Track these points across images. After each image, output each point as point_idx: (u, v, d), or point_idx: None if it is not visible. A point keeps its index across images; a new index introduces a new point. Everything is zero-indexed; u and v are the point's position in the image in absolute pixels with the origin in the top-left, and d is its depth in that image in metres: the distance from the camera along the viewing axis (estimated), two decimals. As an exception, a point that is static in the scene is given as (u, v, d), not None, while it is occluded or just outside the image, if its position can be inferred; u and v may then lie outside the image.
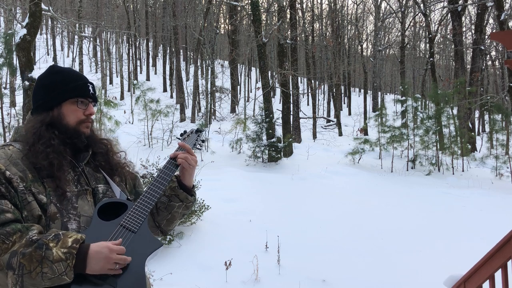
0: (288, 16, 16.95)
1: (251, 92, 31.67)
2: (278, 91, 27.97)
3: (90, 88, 1.58)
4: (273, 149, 11.37)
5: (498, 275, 3.03)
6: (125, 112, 19.13)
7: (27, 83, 8.25)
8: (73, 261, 1.25)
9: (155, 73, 36.78)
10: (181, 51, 32.38)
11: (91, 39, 27.89)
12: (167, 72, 31.91)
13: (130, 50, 34.71)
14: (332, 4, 26.41)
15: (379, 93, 29.11)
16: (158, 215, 1.69)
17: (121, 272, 1.34)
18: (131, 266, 1.37)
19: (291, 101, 15.76)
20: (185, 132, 1.83)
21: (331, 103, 29.79)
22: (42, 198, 1.38)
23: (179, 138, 1.80)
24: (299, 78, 31.59)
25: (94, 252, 1.29)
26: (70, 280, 1.27)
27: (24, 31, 8.40)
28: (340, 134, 21.92)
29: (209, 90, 17.61)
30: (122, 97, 26.06)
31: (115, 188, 1.59)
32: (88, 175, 1.54)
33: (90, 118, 1.57)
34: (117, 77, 31.34)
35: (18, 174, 1.38)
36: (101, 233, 1.39)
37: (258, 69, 26.17)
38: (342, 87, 33.61)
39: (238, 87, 29.86)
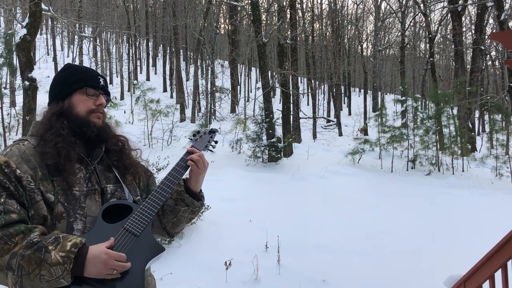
0: (288, 16, 16.95)
1: (251, 92, 31.66)
2: (278, 91, 27.98)
3: (101, 80, 1.60)
4: (273, 149, 11.37)
5: (498, 275, 3.03)
6: (125, 112, 19.12)
7: (27, 83, 8.25)
8: (70, 265, 1.26)
9: (155, 73, 36.78)
10: (181, 51, 32.37)
11: (91, 39, 27.90)
12: (167, 72, 31.92)
13: (130, 50, 34.71)
14: (332, 4, 26.42)
15: (379, 93, 29.11)
16: (164, 217, 1.68)
17: (119, 276, 1.34)
18: (130, 270, 1.36)
19: (291, 101, 15.76)
20: (198, 132, 1.78)
21: (331, 103, 29.79)
22: (50, 197, 1.38)
23: (191, 139, 1.76)
24: (299, 78, 31.59)
25: (92, 256, 1.30)
26: (67, 283, 1.27)
27: (24, 31, 8.40)
28: (340, 134, 21.92)
29: (209, 90, 17.60)
30: (122, 97, 26.06)
31: (125, 188, 1.58)
32: (100, 174, 1.53)
33: (101, 108, 1.58)
34: (117, 77, 31.34)
35: (29, 172, 1.38)
36: (104, 236, 1.38)
37: (258, 69, 26.17)
38: (342, 87, 33.60)
39: (238, 87, 29.86)
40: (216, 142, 1.80)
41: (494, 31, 24.72)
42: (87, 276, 1.31)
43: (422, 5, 21.61)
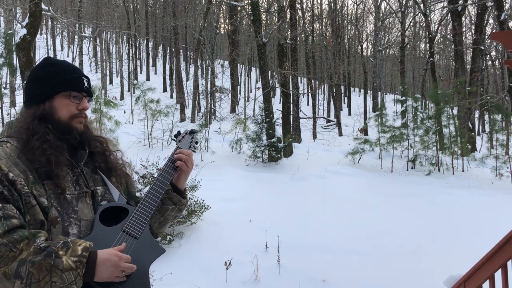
0: (288, 16, 16.95)
1: (251, 92, 31.66)
2: (278, 91, 27.97)
3: (85, 82, 1.51)
4: (273, 149, 11.37)
5: (498, 275, 3.03)
6: (125, 112, 19.13)
7: (27, 83, 8.25)
8: (83, 269, 1.23)
9: (155, 73, 36.79)
10: (181, 51, 32.37)
11: (91, 39, 27.90)
12: (167, 72, 31.91)
13: (130, 50, 34.70)
14: (332, 4, 26.41)
15: (379, 93, 29.11)
16: (151, 217, 1.65)
17: (125, 279, 1.33)
18: (135, 273, 1.36)
19: (291, 101, 15.76)
20: (179, 133, 1.79)
21: (331, 103, 29.79)
22: (43, 201, 1.33)
23: (174, 139, 1.77)
24: (299, 78, 31.59)
25: (103, 259, 1.27)
26: None
27: (24, 31, 8.40)
28: (340, 134, 21.92)
29: (209, 90, 17.60)
30: (122, 97, 26.05)
31: (113, 190, 1.55)
32: (87, 176, 1.49)
33: (84, 113, 1.50)
34: (117, 77, 31.33)
35: (21, 176, 1.31)
36: (104, 240, 1.37)
37: (258, 69, 26.16)
38: (342, 87, 33.60)
39: (238, 87, 29.85)
40: (196, 142, 1.79)
41: (494, 31, 24.72)
42: (95, 281, 1.28)
43: (422, 5, 21.60)
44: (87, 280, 1.26)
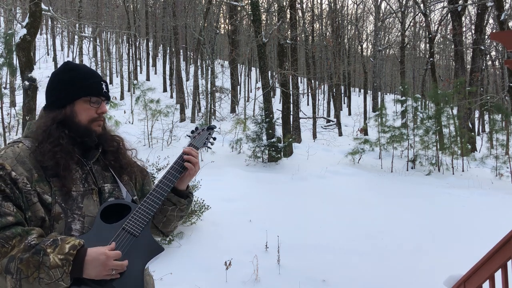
0: (288, 16, 16.95)
1: (251, 92, 31.65)
2: (278, 91, 27.97)
3: (104, 86, 1.57)
4: (273, 149, 11.37)
5: (498, 275, 3.03)
6: (125, 112, 19.14)
7: (27, 83, 8.26)
8: (69, 267, 1.26)
9: (155, 73, 36.79)
10: (181, 51, 32.37)
11: (91, 39, 27.89)
12: (167, 72, 31.91)
13: (130, 50, 34.70)
14: (332, 4, 26.41)
15: (379, 93, 29.11)
16: (155, 217, 1.68)
17: (118, 277, 1.34)
18: (130, 270, 1.36)
19: (291, 101, 15.76)
20: (196, 129, 1.78)
21: (331, 103, 29.79)
22: (47, 198, 1.38)
23: (189, 136, 1.76)
24: (299, 78, 31.58)
25: (91, 258, 1.30)
26: (67, 286, 1.28)
27: (24, 31, 8.40)
28: (340, 134, 21.92)
29: (209, 90, 17.59)
30: (122, 97, 26.06)
31: (122, 188, 1.58)
32: (96, 174, 1.53)
33: (102, 116, 1.56)
34: (117, 77, 31.34)
35: (24, 174, 1.37)
36: (103, 236, 1.38)
37: (258, 69, 26.16)
38: (342, 87, 33.60)
39: (238, 87, 29.85)
40: (214, 139, 1.77)
41: (494, 31, 24.72)
42: (85, 277, 1.31)
43: (422, 5, 21.60)
44: (76, 276, 1.29)
